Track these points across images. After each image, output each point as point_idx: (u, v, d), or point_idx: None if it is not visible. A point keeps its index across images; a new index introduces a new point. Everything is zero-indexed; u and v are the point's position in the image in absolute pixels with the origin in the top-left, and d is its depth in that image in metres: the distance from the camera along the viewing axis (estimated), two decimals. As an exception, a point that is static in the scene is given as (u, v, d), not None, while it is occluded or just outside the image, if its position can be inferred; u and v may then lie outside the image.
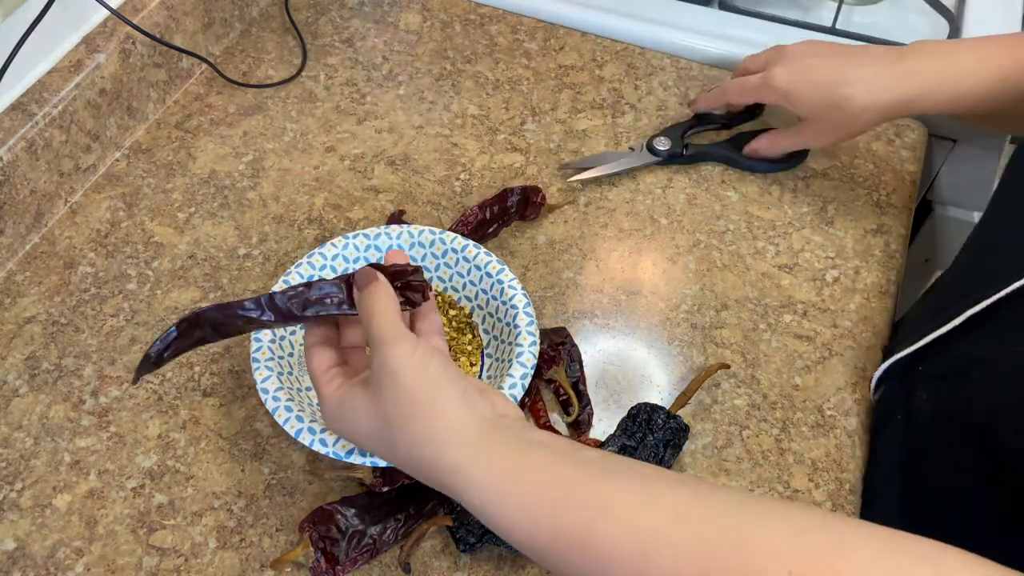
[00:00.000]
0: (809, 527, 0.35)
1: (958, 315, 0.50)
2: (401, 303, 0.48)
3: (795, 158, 0.77)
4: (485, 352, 0.63)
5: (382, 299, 0.46)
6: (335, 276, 0.50)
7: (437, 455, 0.43)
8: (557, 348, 0.63)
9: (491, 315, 0.63)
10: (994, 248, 0.52)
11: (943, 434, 0.55)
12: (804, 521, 0.36)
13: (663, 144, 0.77)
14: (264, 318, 0.48)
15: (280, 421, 0.54)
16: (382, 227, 0.65)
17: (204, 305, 0.48)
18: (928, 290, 0.61)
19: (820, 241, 0.72)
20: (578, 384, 0.63)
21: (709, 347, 0.66)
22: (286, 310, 0.48)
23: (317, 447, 0.53)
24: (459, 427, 0.43)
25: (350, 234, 0.65)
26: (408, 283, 0.49)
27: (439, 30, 0.90)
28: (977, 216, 0.89)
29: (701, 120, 0.80)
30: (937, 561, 0.33)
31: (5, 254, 0.69)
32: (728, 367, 0.64)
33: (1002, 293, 0.47)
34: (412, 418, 0.43)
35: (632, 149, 0.78)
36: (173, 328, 0.47)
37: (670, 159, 0.77)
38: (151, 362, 0.47)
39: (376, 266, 0.49)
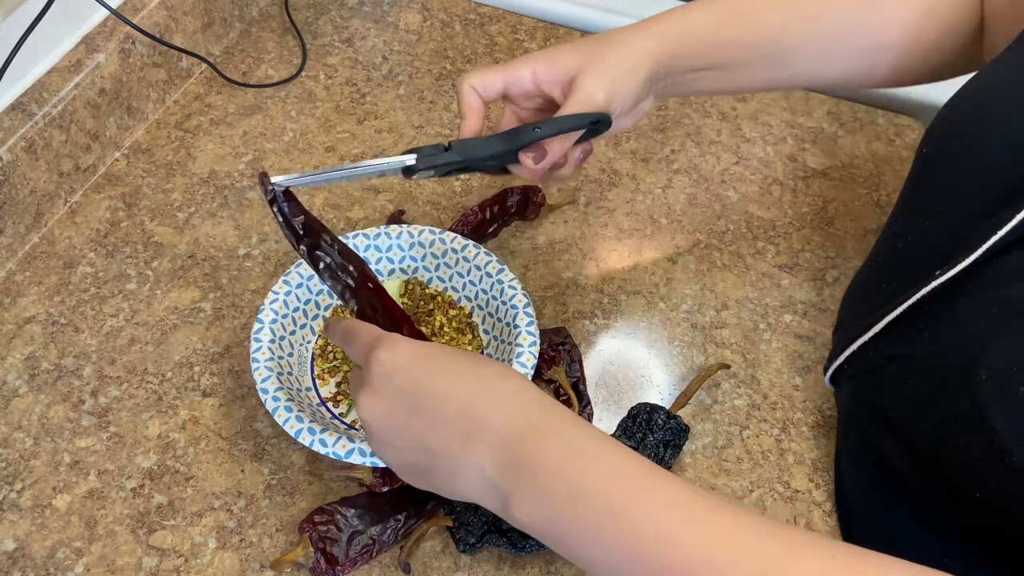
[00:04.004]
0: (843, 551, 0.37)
1: (878, 321, 0.52)
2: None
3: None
4: (485, 352, 0.63)
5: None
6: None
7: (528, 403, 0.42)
8: (557, 348, 0.63)
9: (491, 315, 0.63)
10: (905, 248, 0.54)
11: (862, 428, 0.56)
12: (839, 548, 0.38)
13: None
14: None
15: (280, 421, 0.54)
16: (382, 227, 0.65)
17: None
18: (851, 288, 0.62)
19: (820, 241, 0.72)
20: (578, 384, 0.63)
21: (709, 347, 0.66)
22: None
23: (317, 447, 0.53)
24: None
25: (350, 234, 0.65)
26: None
27: (439, 30, 0.90)
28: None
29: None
30: None
31: (5, 254, 0.69)
32: (728, 367, 0.64)
33: (914, 298, 0.49)
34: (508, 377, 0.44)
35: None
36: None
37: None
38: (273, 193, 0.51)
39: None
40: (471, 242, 0.64)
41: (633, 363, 0.65)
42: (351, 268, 0.52)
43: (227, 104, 0.82)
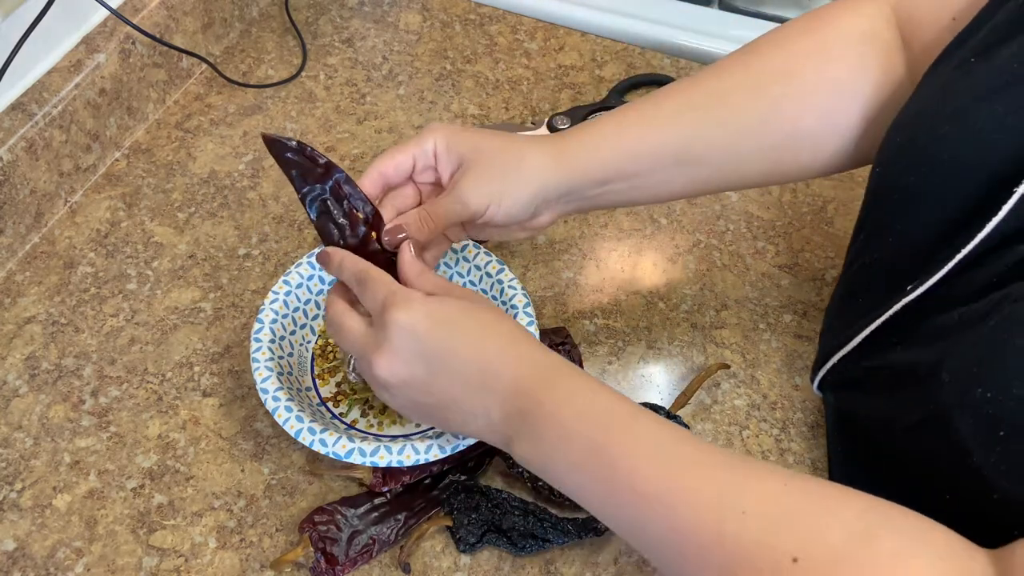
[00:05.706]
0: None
1: (855, 336, 0.53)
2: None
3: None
4: (485, 352, 0.63)
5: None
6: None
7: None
8: (557, 348, 0.63)
9: (491, 315, 0.63)
10: (872, 264, 0.54)
11: (845, 434, 0.57)
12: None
13: (563, 123, 0.79)
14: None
15: (280, 421, 0.54)
16: (382, 227, 0.65)
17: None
18: (834, 296, 0.61)
19: (820, 241, 0.72)
20: (578, 384, 0.63)
21: (709, 347, 0.66)
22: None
23: (317, 447, 0.53)
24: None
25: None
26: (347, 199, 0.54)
27: (439, 30, 0.90)
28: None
29: (608, 102, 0.81)
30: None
31: (5, 254, 0.69)
32: (728, 367, 0.64)
33: (887, 314, 0.50)
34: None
35: (534, 124, 0.80)
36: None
37: None
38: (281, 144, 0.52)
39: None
40: (471, 242, 0.64)
41: (633, 363, 0.65)
42: (363, 207, 0.53)
43: (227, 104, 0.83)
